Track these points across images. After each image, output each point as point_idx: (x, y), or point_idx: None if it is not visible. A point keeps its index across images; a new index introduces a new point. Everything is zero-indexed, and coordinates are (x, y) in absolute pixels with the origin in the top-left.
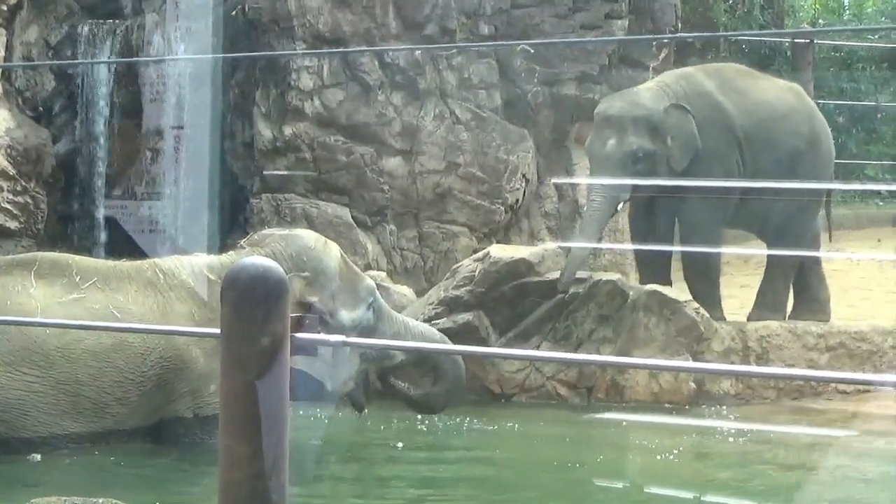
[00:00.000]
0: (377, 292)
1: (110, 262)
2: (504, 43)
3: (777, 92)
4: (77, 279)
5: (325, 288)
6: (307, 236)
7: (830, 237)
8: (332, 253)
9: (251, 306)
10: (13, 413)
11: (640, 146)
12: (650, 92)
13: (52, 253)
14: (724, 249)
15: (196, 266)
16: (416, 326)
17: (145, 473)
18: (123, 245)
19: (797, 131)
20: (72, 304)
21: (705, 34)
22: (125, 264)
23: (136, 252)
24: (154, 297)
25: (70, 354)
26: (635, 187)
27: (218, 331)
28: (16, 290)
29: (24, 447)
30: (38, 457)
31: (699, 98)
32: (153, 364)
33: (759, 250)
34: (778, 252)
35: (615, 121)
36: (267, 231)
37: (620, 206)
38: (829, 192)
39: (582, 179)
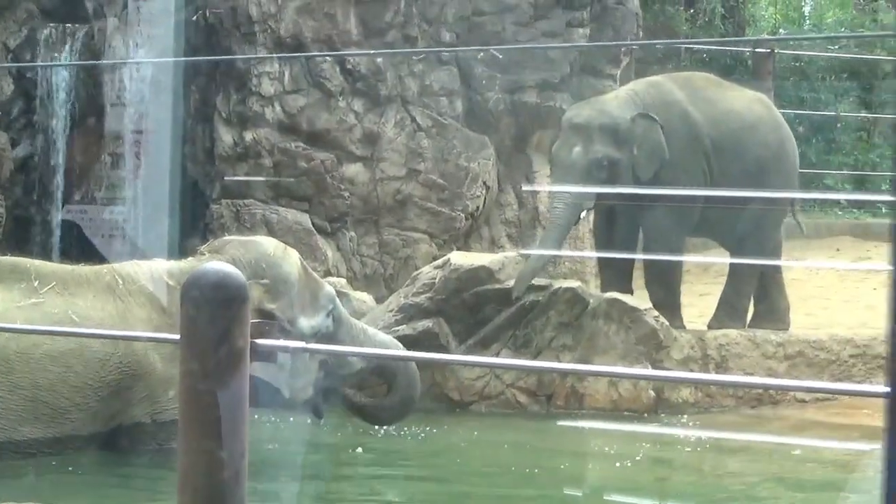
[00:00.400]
0: (337, 300)
1: (69, 267)
2: (468, 48)
3: (745, 102)
4: (36, 284)
5: (284, 295)
6: (267, 243)
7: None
8: (291, 260)
9: (211, 312)
10: None
11: (605, 154)
12: (618, 100)
13: (10, 257)
14: (685, 258)
15: (155, 271)
16: (375, 335)
17: (103, 480)
18: (82, 250)
19: (765, 142)
20: (31, 308)
21: (668, 41)
22: (84, 269)
23: (95, 257)
24: (113, 302)
25: (29, 359)
26: (599, 195)
27: (177, 336)
28: None
29: None
30: None
31: (668, 107)
32: (112, 369)
33: (721, 258)
34: (739, 260)
35: (582, 128)
36: (228, 237)
37: (583, 213)
38: (793, 201)
39: (545, 187)
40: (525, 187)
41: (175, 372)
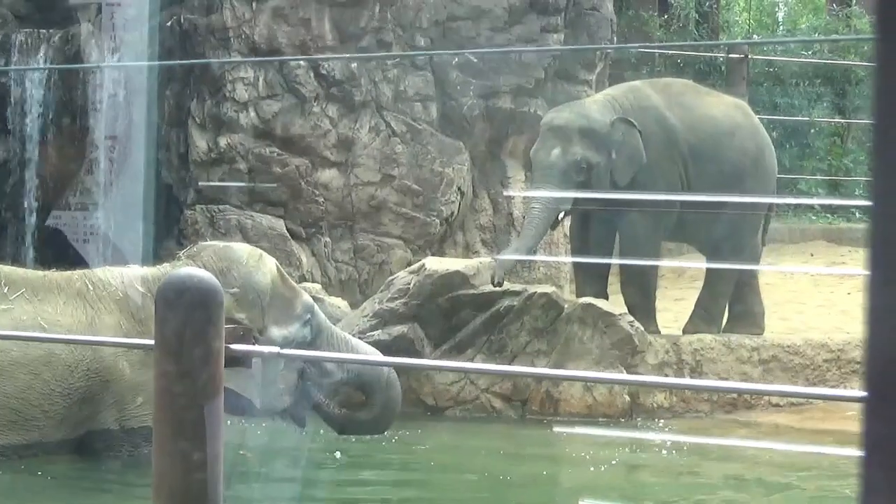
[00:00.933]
0: (317, 309)
1: (40, 273)
2: (442, 52)
3: (724, 108)
4: (5, 290)
5: (254, 305)
6: (240, 250)
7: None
8: (264, 268)
9: (185, 315)
10: None
11: (584, 157)
12: (597, 104)
13: None
14: (661, 262)
15: (126, 277)
16: (358, 345)
17: (74, 485)
18: (56, 256)
19: (743, 148)
20: None
21: (643, 45)
22: (55, 275)
23: (69, 263)
24: (83, 308)
25: None
26: (577, 199)
27: (151, 342)
28: None
29: None
30: None
31: (645, 112)
32: (80, 376)
33: (696, 263)
34: (713, 265)
35: (561, 131)
36: (206, 243)
37: (560, 216)
38: (770, 207)
39: (520, 192)
40: (500, 192)
41: (144, 378)
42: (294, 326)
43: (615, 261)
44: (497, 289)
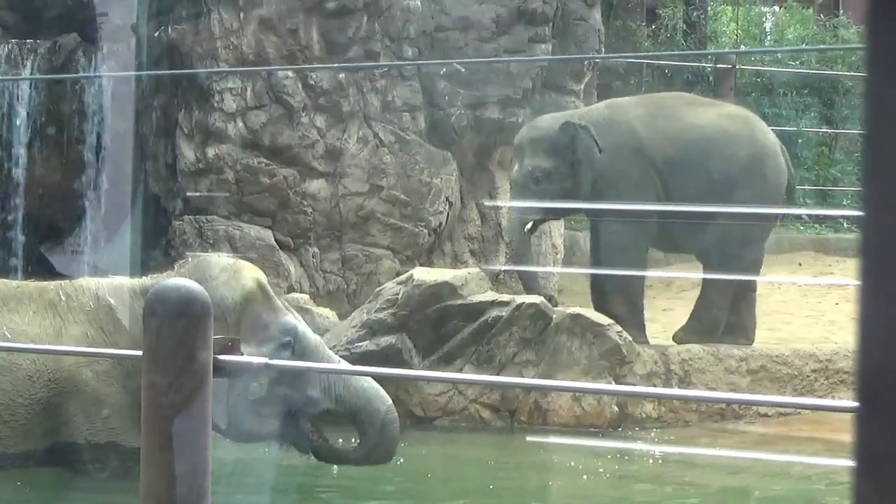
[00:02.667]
0: (303, 333)
1: (14, 283)
2: (430, 62)
3: (715, 118)
4: None
5: (216, 319)
6: (215, 264)
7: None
8: (236, 284)
9: (174, 326)
10: None
11: (536, 165)
12: (553, 116)
13: None
14: (651, 273)
15: (101, 289)
16: (357, 379)
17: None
18: (41, 266)
19: (732, 156)
20: None
21: (630, 55)
22: (30, 285)
23: (54, 274)
24: (52, 319)
25: None
26: (546, 210)
27: (140, 353)
28: None
29: None
30: None
31: (614, 125)
32: (41, 386)
33: (684, 273)
34: (704, 275)
35: (518, 146)
36: (201, 255)
37: (528, 227)
38: (775, 217)
39: (507, 202)
40: (487, 203)
41: (110, 391)
42: (266, 348)
43: (598, 271)
44: (485, 299)
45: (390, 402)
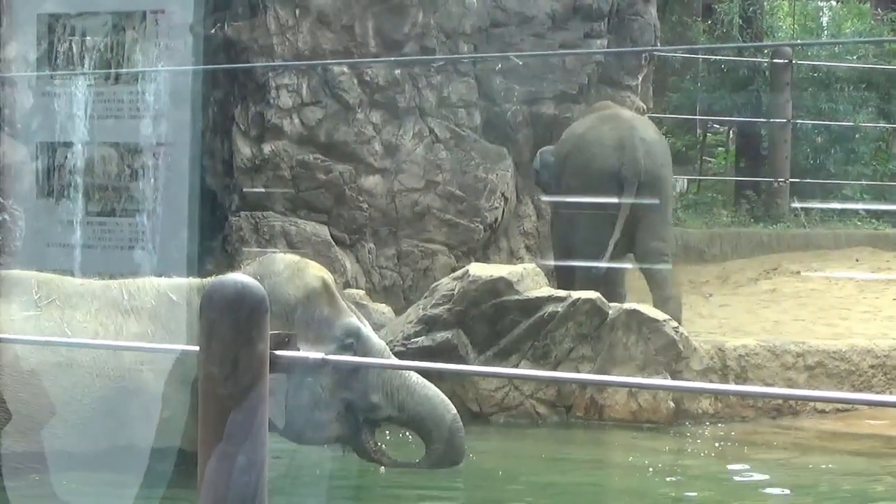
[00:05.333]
0: (366, 335)
1: (78, 281)
2: (482, 55)
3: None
4: (37, 297)
5: (276, 316)
6: (280, 260)
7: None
8: (300, 281)
9: (231, 320)
10: None
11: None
12: None
13: (17, 271)
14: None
15: (162, 287)
16: (422, 387)
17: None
18: (101, 263)
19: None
20: (24, 321)
21: (684, 47)
22: (94, 283)
23: (114, 270)
24: (114, 316)
25: (12, 372)
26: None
27: (196, 347)
28: None
29: None
30: None
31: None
32: (102, 385)
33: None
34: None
35: None
36: (271, 253)
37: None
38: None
39: (564, 198)
40: (543, 198)
41: (171, 391)
42: (328, 348)
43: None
44: (541, 294)
45: (455, 410)
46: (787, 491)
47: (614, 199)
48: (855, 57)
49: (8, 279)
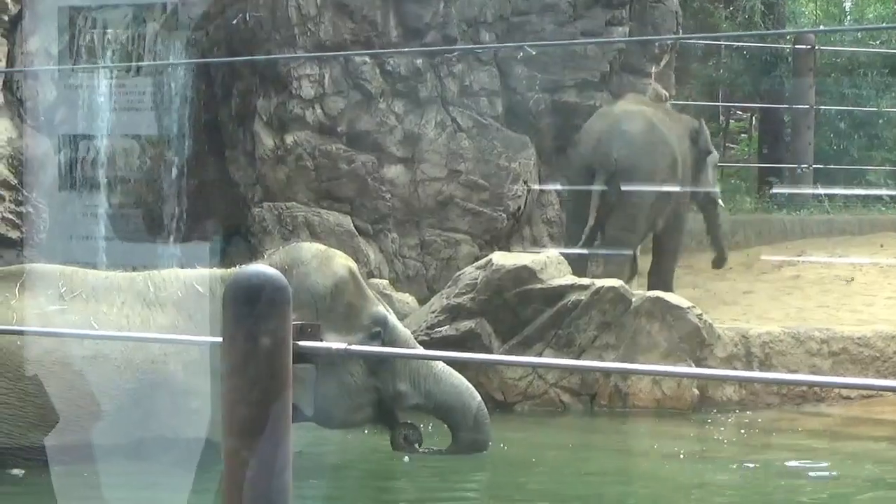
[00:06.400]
0: (393, 324)
1: (103, 274)
2: (501, 45)
3: None
4: (63, 290)
5: (305, 305)
6: (307, 250)
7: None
8: (327, 271)
9: (253, 313)
10: None
11: None
12: None
13: (42, 265)
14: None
15: (188, 278)
16: (447, 375)
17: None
18: (125, 255)
19: None
20: (51, 315)
21: (705, 35)
22: (119, 276)
23: (137, 262)
24: (140, 309)
25: (40, 366)
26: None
27: (220, 339)
28: None
29: None
30: (21, 472)
31: None
32: (130, 377)
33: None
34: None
35: None
36: (292, 243)
37: None
38: None
39: (586, 186)
40: (566, 186)
41: (198, 382)
42: (356, 337)
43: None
44: (564, 282)
45: (480, 398)
46: (816, 475)
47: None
48: (878, 42)
49: (33, 273)
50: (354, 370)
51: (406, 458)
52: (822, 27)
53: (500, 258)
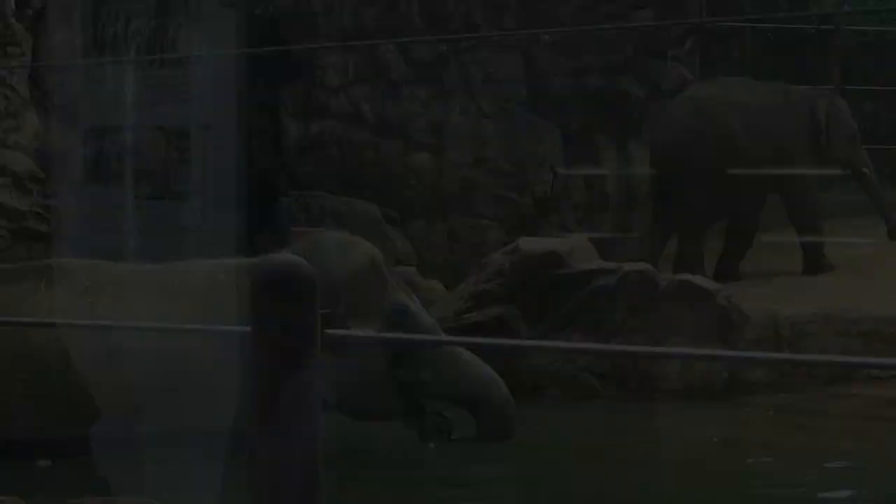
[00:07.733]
0: (414, 312)
1: (128, 267)
2: (520, 31)
3: None
4: (88, 284)
5: (325, 294)
6: (329, 239)
7: None
8: (349, 258)
9: (280, 302)
10: (6, 416)
11: None
12: None
13: (68, 259)
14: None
15: (212, 269)
16: (472, 363)
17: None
18: (152, 247)
19: None
20: (77, 308)
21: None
22: (146, 268)
23: (164, 254)
24: (164, 301)
25: (65, 360)
26: None
27: (248, 328)
28: (23, 297)
29: (20, 451)
30: (48, 462)
31: None
32: (155, 370)
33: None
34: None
35: None
36: (313, 231)
37: None
38: None
39: (609, 170)
40: (592, 171)
41: (224, 372)
42: (377, 325)
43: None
44: (592, 267)
45: (504, 385)
46: (842, 459)
47: None
48: None
49: (60, 267)
50: (377, 359)
51: (431, 445)
52: (847, 8)
53: (528, 244)
